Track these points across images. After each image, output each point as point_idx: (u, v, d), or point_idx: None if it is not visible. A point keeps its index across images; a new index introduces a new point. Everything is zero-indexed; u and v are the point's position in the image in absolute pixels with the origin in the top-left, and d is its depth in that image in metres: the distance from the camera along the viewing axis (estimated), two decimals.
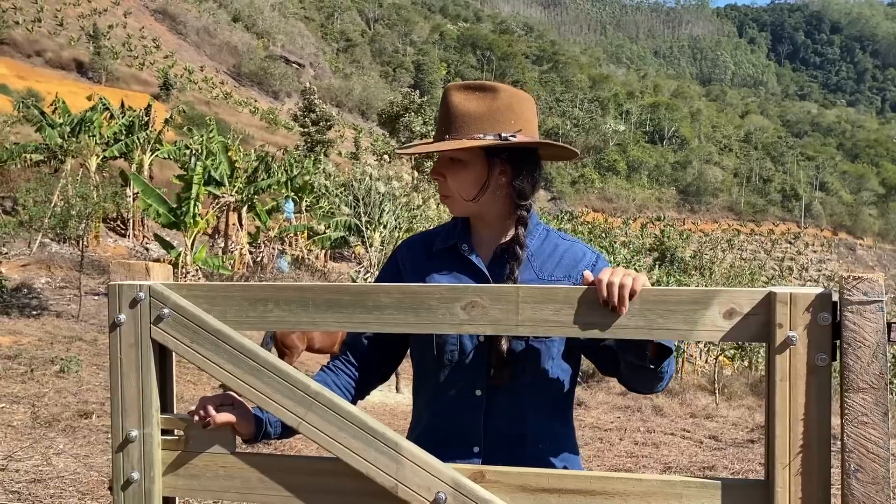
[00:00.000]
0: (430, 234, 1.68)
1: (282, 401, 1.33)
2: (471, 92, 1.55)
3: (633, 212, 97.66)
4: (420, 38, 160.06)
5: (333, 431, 1.30)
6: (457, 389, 1.51)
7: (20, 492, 4.30)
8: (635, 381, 1.53)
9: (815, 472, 1.17)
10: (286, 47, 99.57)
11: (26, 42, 50.59)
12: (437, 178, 1.57)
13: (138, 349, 1.38)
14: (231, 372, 1.35)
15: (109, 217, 20.71)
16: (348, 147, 48.63)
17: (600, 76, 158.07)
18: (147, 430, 1.38)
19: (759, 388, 17.12)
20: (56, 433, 5.87)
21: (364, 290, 1.34)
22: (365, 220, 17.63)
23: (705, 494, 1.23)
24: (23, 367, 8.11)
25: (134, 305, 1.38)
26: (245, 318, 1.38)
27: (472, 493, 1.27)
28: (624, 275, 1.25)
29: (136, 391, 1.39)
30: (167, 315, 1.37)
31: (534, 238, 1.59)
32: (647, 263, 36.95)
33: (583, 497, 1.27)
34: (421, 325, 1.32)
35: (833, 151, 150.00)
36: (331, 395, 1.33)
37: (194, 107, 45.12)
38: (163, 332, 1.37)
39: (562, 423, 1.58)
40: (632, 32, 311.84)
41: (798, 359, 1.18)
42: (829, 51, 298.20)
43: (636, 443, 8.31)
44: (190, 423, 1.40)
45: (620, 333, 1.27)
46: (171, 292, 1.38)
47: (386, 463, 1.28)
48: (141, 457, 1.39)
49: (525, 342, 1.48)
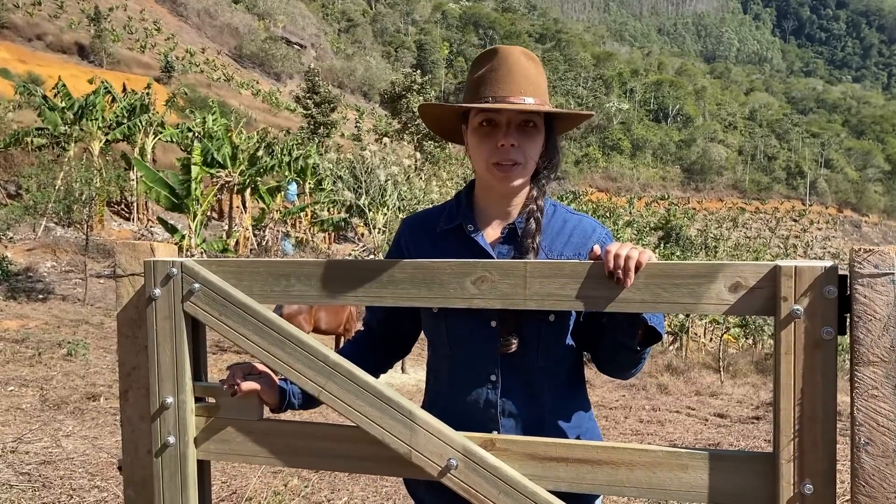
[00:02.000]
0: (432, 214, 1.61)
1: (304, 370, 1.39)
2: (527, 57, 1.49)
3: (637, 191, 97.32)
4: (422, 17, 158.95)
5: (351, 399, 1.36)
6: (472, 374, 1.49)
7: (30, 473, 4.34)
8: (613, 363, 1.51)
9: (821, 444, 1.17)
10: (287, 28, 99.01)
11: (27, 26, 50.41)
12: (509, 144, 1.44)
13: (172, 321, 1.45)
14: (257, 343, 1.41)
15: (113, 201, 20.74)
16: (351, 128, 48.48)
17: (604, 54, 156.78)
18: (182, 397, 1.46)
19: (763, 366, 17.16)
20: (65, 415, 5.91)
21: (379, 266, 1.40)
22: (367, 201, 17.60)
23: (711, 466, 1.24)
24: (30, 351, 8.15)
25: (167, 281, 1.45)
26: (270, 292, 1.44)
27: (482, 459, 1.31)
28: (631, 248, 1.25)
29: (171, 361, 1.46)
30: (198, 290, 1.44)
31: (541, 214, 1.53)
32: (651, 242, 36.91)
33: (590, 466, 1.30)
34: (434, 298, 1.37)
35: (838, 128, 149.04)
36: (349, 365, 1.38)
37: (196, 89, 44.98)
38: (194, 305, 1.44)
39: (578, 402, 1.57)
40: (635, 10, 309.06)
41: (803, 332, 1.18)
42: (834, 26, 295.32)
43: (641, 420, 8.34)
44: (221, 392, 1.47)
45: (626, 307, 1.27)
46: (202, 268, 1.45)
47: (400, 430, 1.34)
48: (176, 422, 1.46)
49: (539, 326, 1.45)
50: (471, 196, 1.59)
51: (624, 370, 1.51)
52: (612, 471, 1.28)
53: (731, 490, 1.23)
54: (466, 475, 1.31)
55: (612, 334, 1.43)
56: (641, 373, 12.30)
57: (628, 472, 1.28)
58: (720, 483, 1.23)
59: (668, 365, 14.79)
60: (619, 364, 1.50)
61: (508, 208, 1.53)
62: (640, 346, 1.42)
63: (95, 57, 50.60)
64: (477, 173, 1.55)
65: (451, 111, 1.55)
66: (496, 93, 1.44)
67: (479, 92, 1.47)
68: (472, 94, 1.49)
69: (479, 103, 1.44)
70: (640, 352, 1.43)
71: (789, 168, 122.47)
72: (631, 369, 1.50)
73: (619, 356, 1.46)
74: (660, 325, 1.40)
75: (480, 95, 1.46)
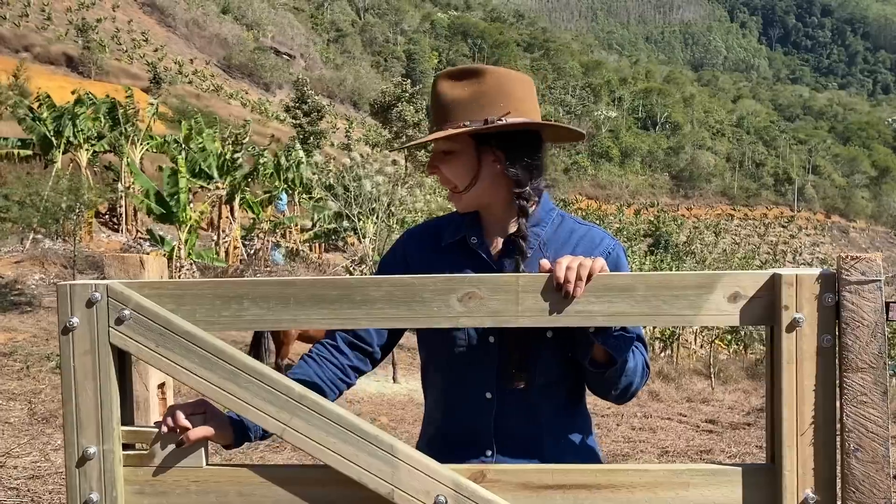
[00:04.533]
0: (438, 226, 1.59)
1: (263, 406, 1.23)
2: (457, 79, 1.47)
3: (626, 198, 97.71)
4: (411, 27, 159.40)
5: (322, 437, 1.22)
6: (467, 392, 1.46)
7: (18, 488, 4.30)
8: (590, 383, 1.48)
9: (822, 452, 1.18)
10: (276, 38, 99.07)
11: (14, 37, 50.25)
12: (433, 172, 1.49)
13: (94, 356, 1.25)
14: (204, 377, 1.24)
15: (101, 213, 20.62)
16: (341, 138, 48.48)
17: (592, 63, 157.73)
18: (107, 446, 1.25)
19: (754, 372, 17.21)
20: (53, 429, 5.85)
21: (351, 284, 1.26)
22: (357, 211, 17.58)
23: (712, 482, 1.22)
24: (18, 364, 8.08)
25: (90, 307, 1.25)
26: (218, 318, 1.26)
27: (473, 493, 1.22)
28: (583, 259, 1.23)
29: (94, 402, 1.25)
30: (128, 317, 1.24)
31: (546, 225, 1.50)
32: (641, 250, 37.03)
33: (588, 492, 1.24)
34: (415, 319, 1.25)
35: (825, 135, 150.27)
36: (317, 397, 1.25)
37: (185, 100, 44.88)
38: (123, 335, 1.25)
39: (579, 423, 1.53)
40: (623, 18, 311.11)
41: (805, 340, 1.17)
42: (820, 34, 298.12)
43: (633, 428, 8.35)
44: (155, 436, 1.28)
45: (623, 321, 1.25)
46: (133, 291, 1.25)
47: (380, 468, 1.21)
48: (101, 475, 1.25)
49: (540, 348, 1.42)
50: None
51: (601, 390, 1.45)
52: (611, 495, 1.23)
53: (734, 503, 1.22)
54: None
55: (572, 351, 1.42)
56: None
57: (629, 495, 1.23)
58: (723, 498, 1.22)
59: (660, 372, 14.82)
60: (591, 384, 1.47)
61: (502, 222, 1.52)
62: (597, 367, 1.37)
63: (84, 68, 50.45)
64: None
65: (414, 146, 1.62)
66: (431, 126, 1.50)
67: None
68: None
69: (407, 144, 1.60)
70: (597, 372, 1.38)
71: (777, 175, 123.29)
72: (607, 391, 1.43)
73: (591, 375, 1.43)
74: (615, 347, 1.31)
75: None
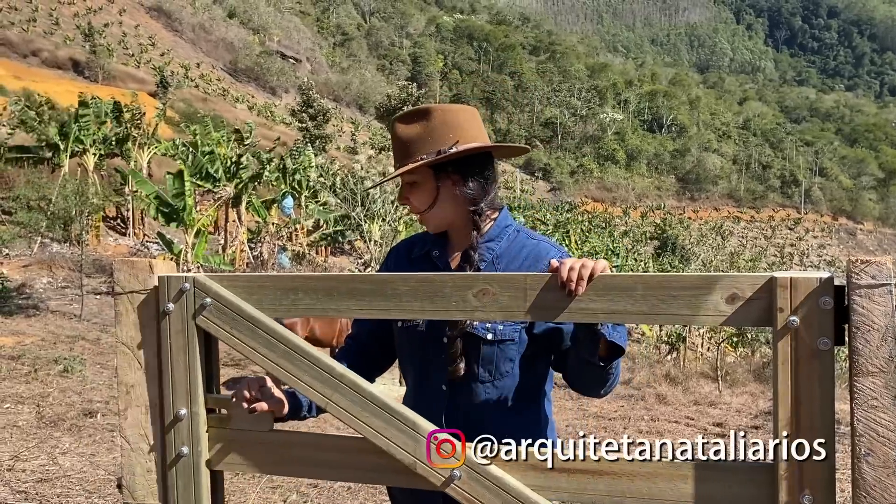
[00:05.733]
0: (414, 242, 1.82)
1: (311, 382, 1.43)
2: (410, 120, 1.68)
3: (632, 201, 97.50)
4: (416, 30, 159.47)
5: (357, 411, 1.40)
6: (427, 384, 1.64)
7: (27, 491, 4.31)
8: (582, 381, 1.58)
9: (820, 454, 1.18)
10: (282, 42, 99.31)
11: (22, 42, 50.49)
12: (404, 202, 1.71)
13: (185, 335, 1.50)
14: (266, 356, 1.45)
15: (109, 216, 20.69)
16: (347, 141, 48.54)
17: (598, 65, 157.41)
18: (195, 409, 1.51)
19: (761, 375, 17.12)
20: (61, 432, 5.87)
21: (383, 279, 1.43)
22: (362, 213, 17.59)
23: (711, 477, 1.25)
24: (26, 368, 8.11)
25: (180, 296, 1.50)
26: (278, 306, 1.49)
27: (485, 470, 1.34)
28: (586, 260, 1.33)
29: (184, 374, 1.51)
30: (209, 304, 1.48)
31: (501, 241, 1.68)
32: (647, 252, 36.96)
33: (591, 476, 1.31)
34: (436, 311, 1.40)
35: (832, 136, 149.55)
36: (354, 376, 1.42)
37: (191, 104, 45.03)
38: (206, 319, 1.49)
39: (524, 421, 1.65)
40: (628, 21, 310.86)
41: (799, 343, 1.19)
42: (826, 35, 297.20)
43: (640, 431, 8.32)
44: (233, 404, 1.52)
45: (623, 319, 1.30)
46: (213, 283, 1.50)
47: (405, 441, 1.37)
48: (189, 433, 1.51)
49: (480, 345, 1.59)
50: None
51: (593, 387, 1.57)
52: (612, 481, 1.30)
53: (731, 500, 1.23)
54: (470, 486, 1.34)
55: (576, 352, 1.50)
56: (639, 383, 12.28)
57: (629, 483, 1.29)
58: (720, 493, 1.24)
59: (667, 375, 14.77)
60: (587, 381, 1.57)
61: (463, 238, 1.70)
62: (604, 362, 1.46)
63: (91, 72, 50.65)
64: None
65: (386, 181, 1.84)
66: (395, 165, 1.72)
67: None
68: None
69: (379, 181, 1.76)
70: (604, 367, 1.47)
71: (784, 177, 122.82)
72: (600, 387, 1.54)
73: (585, 373, 1.53)
74: (621, 339, 1.44)
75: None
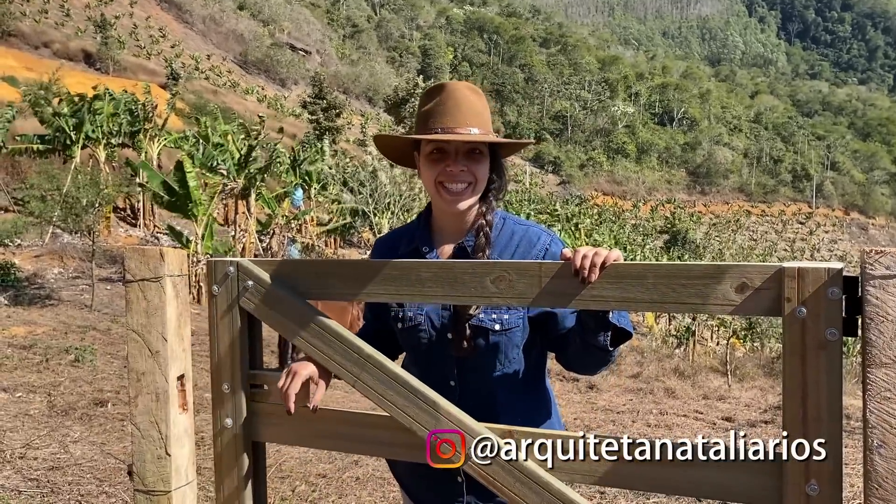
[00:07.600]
0: (398, 236, 1.79)
1: (341, 361, 1.51)
2: (472, 91, 1.64)
3: (642, 194, 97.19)
4: (426, 22, 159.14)
5: (383, 389, 1.47)
6: (434, 381, 1.60)
7: (39, 479, 4.35)
8: (582, 363, 1.61)
9: (827, 445, 1.18)
10: (292, 34, 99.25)
11: (34, 33, 50.65)
12: (459, 171, 1.60)
13: (230, 315, 1.60)
14: (300, 335, 1.55)
15: (119, 207, 20.79)
16: (356, 133, 48.55)
17: (609, 58, 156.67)
18: (238, 384, 1.61)
19: (771, 369, 17.07)
20: (72, 421, 5.92)
21: (408, 266, 1.49)
22: (372, 206, 17.61)
23: (719, 464, 1.26)
24: (38, 357, 8.17)
25: (225, 279, 1.60)
26: (312, 290, 1.57)
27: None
28: (599, 249, 1.35)
29: (229, 351, 1.61)
30: (251, 287, 1.58)
31: (494, 229, 1.68)
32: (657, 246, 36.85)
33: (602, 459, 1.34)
34: (457, 297, 1.46)
35: (844, 130, 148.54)
36: (381, 357, 1.49)
37: (202, 95, 45.12)
38: (248, 300, 1.59)
39: (534, 403, 1.72)
40: (640, 13, 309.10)
41: (807, 333, 1.18)
42: (839, 28, 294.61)
43: (649, 424, 8.32)
44: (273, 380, 1.59)
45: (634, 307, 1.32)
46: (254, 267, 1.59)
47: (426, 419, 1.44)
48: (234, 406, 1.62)
49: (489, 336, 1.61)
50: (429, 218, 1.74)
51: (592, 368, 1.62)
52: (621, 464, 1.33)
53: (738, 488, 1.25)
54: (485, 464, 1.39)
55: (582, 336, 1.52)
56: (648, 377, 12.31)
57: (640, 466, 1.31)
58: (727, 480, 1.25)
59: (676, 368, 14.74)
60: (587, 363, 1.60)
61: (461, 227, 1.69)
62: (613, 345, 1.50)
63: (102, 64, 50.77)
64: (431, 196, 1.69)
65: (402, 142, 1.70)
66: (445, 124, 1.59)
67: (429, 124, 1.61)
68: (422, 125, 1.64)
69: (430, 135, 1.60)
70: (611, 351, 1.52)
71: (795, 171, 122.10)
72: (601, 367, 1.59)
73: (588, 357, 1.56)
74: (627, 325, 1.50)
75: (430, 127, 1.61)
